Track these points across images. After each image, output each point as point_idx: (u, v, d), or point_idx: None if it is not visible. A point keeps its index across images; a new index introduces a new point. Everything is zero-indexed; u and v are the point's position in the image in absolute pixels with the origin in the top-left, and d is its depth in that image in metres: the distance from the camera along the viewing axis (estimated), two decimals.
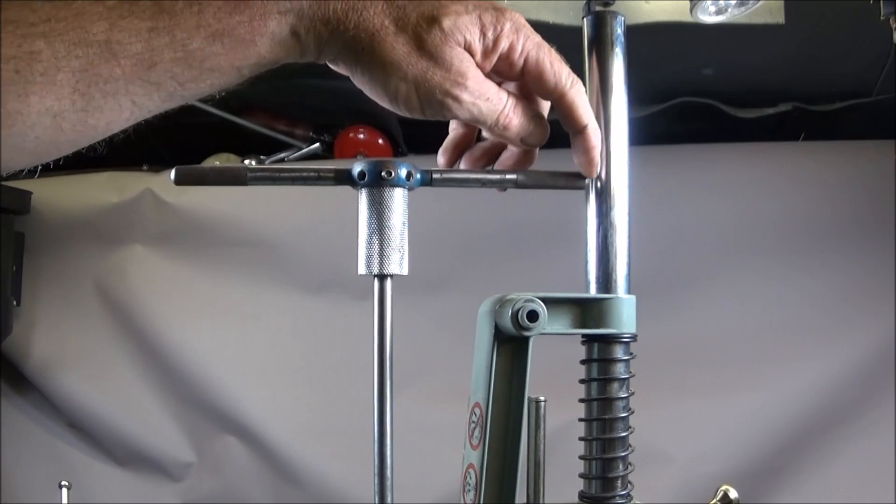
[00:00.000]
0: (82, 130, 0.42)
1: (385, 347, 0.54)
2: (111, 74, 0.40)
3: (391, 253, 0.54)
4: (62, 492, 1.09)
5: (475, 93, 0.48)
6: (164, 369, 1.57)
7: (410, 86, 0.46)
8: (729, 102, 1.46)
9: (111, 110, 0.42)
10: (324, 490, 1.50)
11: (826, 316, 1.43)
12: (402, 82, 0.46)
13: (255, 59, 0.44)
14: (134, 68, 0.41)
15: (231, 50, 0.43)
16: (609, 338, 0.60)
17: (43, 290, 1.64)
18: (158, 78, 0.42)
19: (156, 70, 0.41)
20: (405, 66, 0.46)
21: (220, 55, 0.42)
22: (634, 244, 0.62)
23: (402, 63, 0.45)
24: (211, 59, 0.42)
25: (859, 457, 1.40)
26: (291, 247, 1.57)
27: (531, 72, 0.51)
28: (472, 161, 0.60)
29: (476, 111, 0.49)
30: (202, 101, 1.56)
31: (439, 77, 0.46)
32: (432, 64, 0.46)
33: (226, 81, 0.44)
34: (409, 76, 0.46)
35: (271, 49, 0.44)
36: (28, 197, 1.60)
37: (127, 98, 0.42)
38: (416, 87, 0.46)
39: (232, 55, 0.43)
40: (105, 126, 0.42)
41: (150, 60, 0.41)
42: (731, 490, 0.68)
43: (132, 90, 0.41)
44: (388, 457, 0.54)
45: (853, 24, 1.14)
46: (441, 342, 1.46)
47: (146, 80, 0.41)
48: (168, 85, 0.42)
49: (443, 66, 0.46)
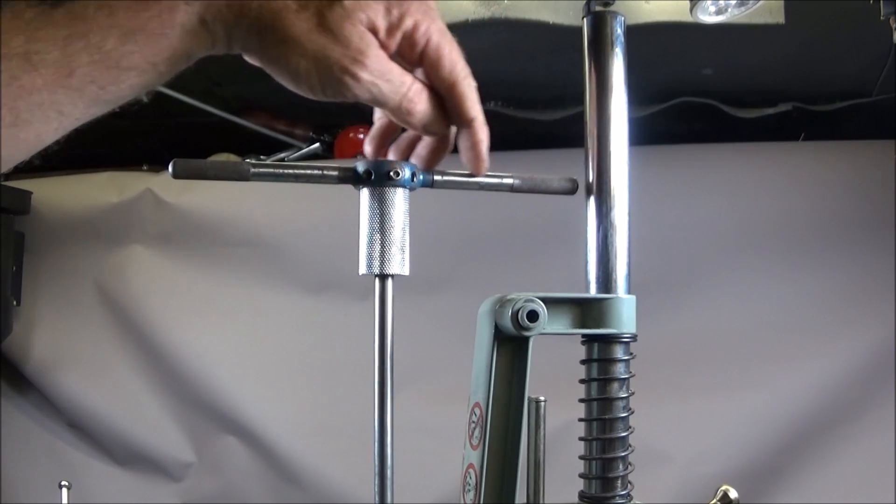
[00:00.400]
0: (15, 145, 0.43)
1: (386, 347, 0.54)
2: (33, 85, 0.41)
3: (392, 253, 0.54)
4: (62, 492, 1.09)
5: (375, 72, 0.48)
6: (164, 369, 1.57)
7: (310, 63, 0.46)
8: (729, 102, 1.46)
9: (39, 122, 0.42)
10: (324, 490, 1.50)
11: (826, 316, 1.43)
12: (302, 59, 0.46)
13: (168, 53, 0.44)
14: (54, 76, 0.42)
15: (145, 46, 0.43)
16: (609, 338, 0.60)
17: (43, 290, 1.64)
18: (79, 83, 0.42)
19: (75, 76, 0.42)
20: (305, 42, 0.46)
21: (135, 52, 0.43)
22: (634, 244, 0.62)
23: (301, 39, 0.46)
24: (126, 57, 0.43)
25: (859, 457, 1.40)
26: (291, 247, 1.57)
27: (430, 54, 0.52)
28: (399, 152, 0.60)
29: (376, 91, 0.48)
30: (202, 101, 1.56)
31: (338, 54, 0.46)
32: (331, 40, 0.46)
33: (146, 80, 0.45)
34: (308, 52, 0.46)
35: (183, 40, 0.45)
36: (28, 197, 1.60)
37: (52, 108, 0.42)
38: (316, 64, 0.46)
39: (146, 51, 0.44)
40: (36, 138, 0.43)
41: (69, 67, 0.42)
42: (731, 490, 0.68)
43: (56, 99, 0.42)
44: (388, 457, 0.54)
45: (853, 24, 1.14)
46: (441, 342, 1.46)
47: (67, 87, 0.42)
48: (89, 90, 0.43)
49: (342, 43, 0.46)
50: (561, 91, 1.41)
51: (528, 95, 1.46)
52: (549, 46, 1.22)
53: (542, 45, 1.23)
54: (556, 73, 1.32)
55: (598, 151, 0.62)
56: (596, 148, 0.62)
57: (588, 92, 0.63)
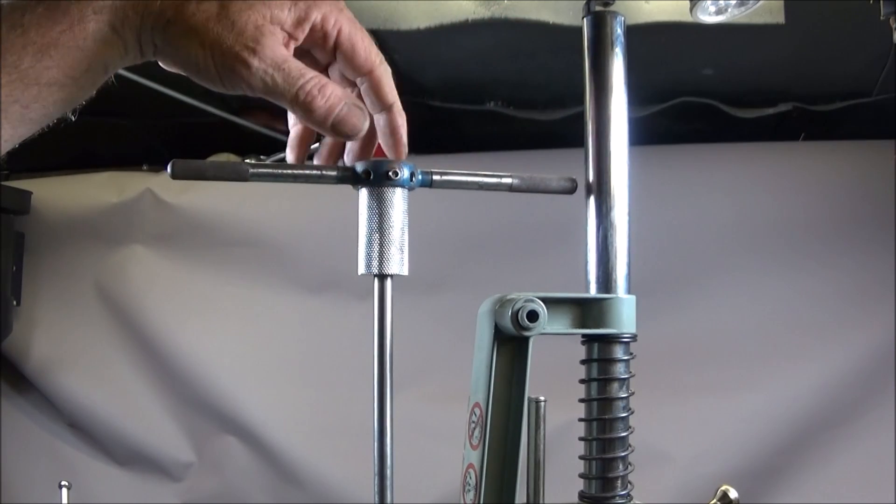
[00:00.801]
0: None
1: (385, 347, 0.54)
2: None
3: (391, 253, 0.54)
4: (62, 492, 1.09)
5: (268, 60, 0.47)
6: (164, 369, 1.57)
7: (207, 52, 0.46)
8: (729, 102, 1.46)
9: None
10: (324, 490, 1.50)
11: (826, 316, 1.43)
12: (201, 48, 0.46)
13: (85, 65, 0.45)
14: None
15: (61, 60, 0.44)
16: (609, 338, 0.60)
17: (43, 290, 1.64)
18: (3, 104, 0.43)
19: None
20: (203, 31, 0.46)
21: (52, 68, 0.44)
22: (634, 244, 0.62)
23: (200, 28, 0.46)
24: (44, 73, 0.44)
25: (859, 457, 1.40)
26: (291, 247, 1.57)
27: (344, 44, 0.51)
28: (323, 158, 0.60)
29: (270, 81, 0.47)
30: (202, 101, 1.56)
31: (231, 41, 0.46)
32: (228, 29, 0.46)
33: (67, 94, 0.45)
34: (206, 42, 0.46)
35: (97, 51, 0.45)
36: (28, 197, 1.60)
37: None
38: (212, 52, 0.46)
39: (63, 65, 0.44)
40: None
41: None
42: (731, 490, 0.68)
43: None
44: (388, 457, 0.54)
45: (853, 24, 1.14)
46: (441, 342, 1.47)
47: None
48: (13, 109, 0.43)
49: (237, 31, 0.46)
50: (561, 91, 1.41)
51: (528, 95, 1.46)
52: (549, 46, 1.22)
53: (542, 45, 1.23)
54: (556, 73, 1.32)
55: (598, 151, 0.62)
56: (596, 148, 0.62)
57: (588, 92, 0.63)
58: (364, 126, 0.51)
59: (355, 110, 0.51)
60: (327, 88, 0.49)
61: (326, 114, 0.49)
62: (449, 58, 1.28)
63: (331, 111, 0.49)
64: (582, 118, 0.64)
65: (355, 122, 0.51)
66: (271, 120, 1.60)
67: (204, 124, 1.56)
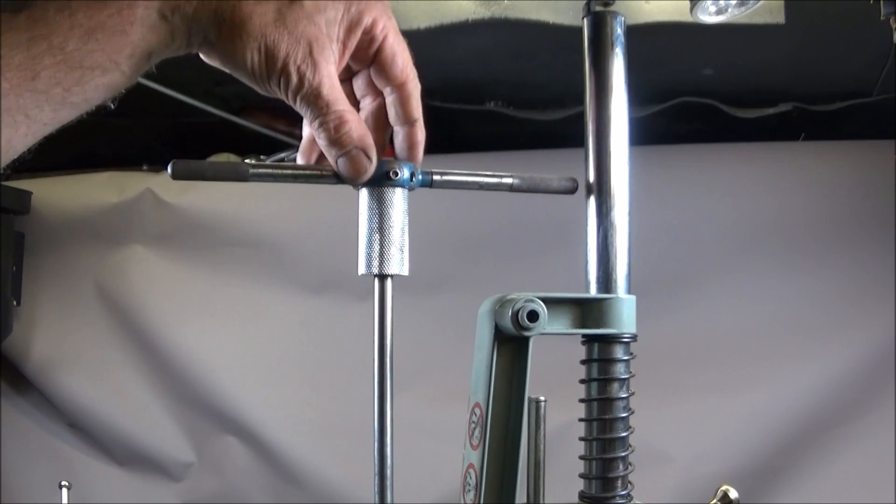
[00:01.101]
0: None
1: (385, 347, 0.54)
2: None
3: (392, 253, 0.54)
4: (62, 492, 1.09)
5: (315, 79, 0.48)
6: (164, 369, 1.57)
7: (262, 57, 0.47)
8: (729, 102, 1.46)
9: (8, 127, 0.43)
10: (324, 490, 1.50)
11: (826, 316, 1.43)
12: (255, 51, 0.47)
13: (129, 50, 0.45)
14: (19, 80, 0.42)
15: (106, 44, 0.44)
16: (609, 338, 0.60)
17: (43, 290, 1.64)
18: (44, 86, 0.43)
19: (40, 78, 0.43)
20: (259, 36, 0.47)
21: (97, 51, 0.44)
22: (634, 244, 0.62)
23: (256, 32, 0.47)
24: (89, 57, 0.44)
25: (859, 457, 1.40)
26: (291, 247, 1.57)
27: (386, 52, 0.53)
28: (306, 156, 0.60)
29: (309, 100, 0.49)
30: (202, 101, 1.56)
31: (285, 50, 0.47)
32: (284, 37, 0.47)
33: (109, 79, 0.45)
34: (261, 46, 0.47)
35: (143, 36, 0.45)
36: (28, 197, 1.60)
37: (20, 112, 0.43)
38: (266, 58, 0.47)
39: (108, 49, 0.44)
40: (6, 144, 0.43)
41: (33, 69, 0.42)
42: (731, 490, 0.68)
43: (22, 103, 0.43)
44: (388, 457, 0.54)
45: (853, 24, 1.14)
46: (441, 342, 1.47)
47: (33, 91, 0.43)
48: (54, 92, 0.43)
49: (292, 40, 0.47)
50: (561, 91, 1.41)
51: (528, 95, 1.46)
52: (549, 46, 1.22)
53: (542, 45, 1.23)
54: (556, 73, 1.32)
55: (598, 151, 0.62)
56: (596, 148, 0.62)
57: (588, 92, 0.63)
58: (365, 176, 0.52)
59: (362, 157, 0.52)
60: (346, 125, 0.50)
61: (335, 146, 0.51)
62: (449, 58, 1.28)
63: (340, 147, 0.51)
64: (582, 118, 0.64)
65: (356, 169, 0.52)
66: (271, 120, 1.60)
67: (204, 124, 1.56)
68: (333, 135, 0.50)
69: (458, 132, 1.60)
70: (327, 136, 0.50)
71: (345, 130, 0.50)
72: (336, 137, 0.50)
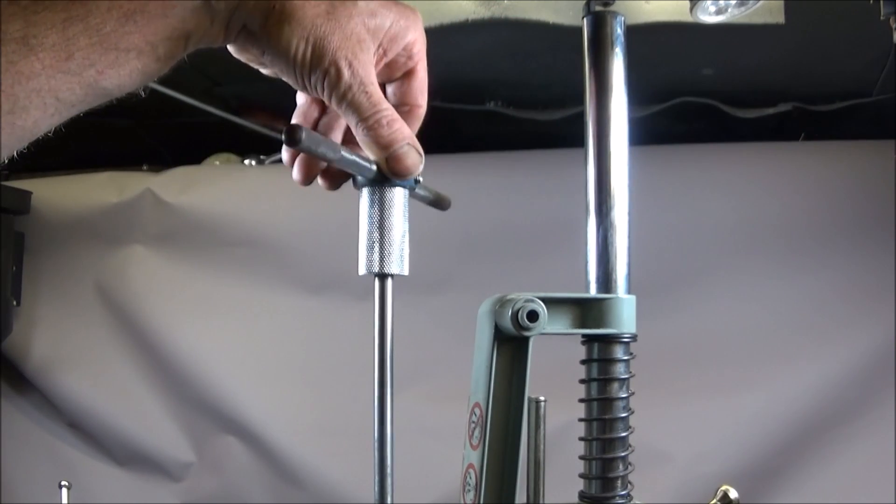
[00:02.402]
0: (12, 133, 0.42)
1: (385, 347, 0.54)
2: (32, 70, 0.41)
3: (392, 253, 0.54)
4: (62, 492, 1.09)
5: (359, 76, 0.48)
6: (164, 369, 1.57)
7: (309, 48, 0.47)
8: (729, 102, 1.46)
9: (36, 108, 0.42)
10: (324, 490, 1.50)
11: (826, 316, 1.43)
12: (302, 41, 0.47)
13: (167, 32, 0.44)
14: (53, 60, 0.41)
15: (144, 27, 0.43)
16: (609, 338, 0.60)
17: (43, 290, 1.64)
18: (78, 67, 0.42)
19: (74, 59, 0.42)
20: (310, 26, 0.47)
21: (134, 33, 0.43)
22: (634, 244, 0.62)
23: (306, 22, 0.46)
24: (126, 38, 0.43)
25: (859, 457, 1.40)
26: (291, 247, 1.57)
27: (419, 72, 0.54)
28: None
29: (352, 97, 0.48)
30: (202, 101, 1.55)
31: (336, 44, 0.47)
32: (334, 31, 0.47)
33: (143, 65, 0.44)
34: (310, 37, 0.47)
35: (183, 20, 0.45)
36: (28, 197, 1.60)
37: (50, 94, 0.42)
38: (313, 49, 0.47)
39: (146, 31, 0.44)
40: (33, 125, 0.43)
41: (67, 50, 0.41)
42: (731, 490, 0.68)
43: (54, 85, 0.42)
44: (388, 457, 0.54)
45: (853, 24, 1.14)
46: (441, 342, 1.46)
47: (66, 72, 0.42)
48: (88, 74, 0.43)
49: (342, 35, 0.47)
50: (561, 91, 1.41)
51: (528, 95, 1.46)
52: (549, 46, 1.22)
53: (542, 45, 1.23)
54: (556, 73, 1.32)
55: (598, 151, 0.62)
56: (596, 148, 0.62)
57: (588, 92, 0.63)
58: (417, 170, 0.52)
59: (413, 153, 0.52)
60: (397, 123, 0.50)
61: (388, 144, 0.50)
62: (449, 58, 1.28)
63: (392, 143, 0.50)
64: (582, 118, 0.64)
65: (409, 164, 0.52)
66: (271, 120, 1.60)
67: (204, 124, 1.57)
68: (386, 131, 0.50)
69: (458, 132, 1.60)
70: (377, 133, 0.50)
71: (397, 127, 0.50)
72: (389, 134, 0.50)
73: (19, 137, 0.43)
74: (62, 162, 1.68)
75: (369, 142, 0.51)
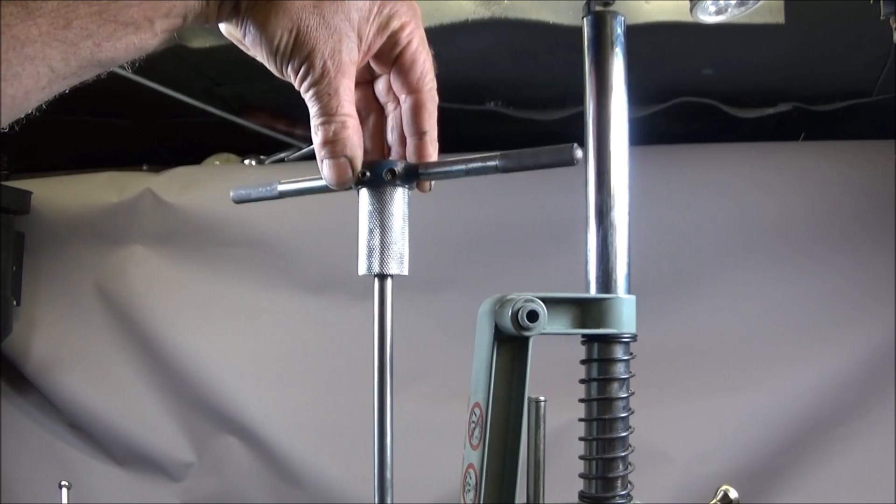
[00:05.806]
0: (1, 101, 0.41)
1: (385, 347, 0.54)
2: (28, 36, 0.40)
3: (391, 253, 0.54)
4: (62, 492, 1.09)
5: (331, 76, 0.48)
6: (164, 369, 1.57)
7: (291, 38, 0.47)
8: (729, 102, 1.46)
9: (28, 77, 0.41)
10: (324, 490, 1.50)
11: (826, 316, 1.43)
12: (286, 31, 0.47)
13: (166, 9, 0.45)
14: (50, 27, 0.41)
15: (145, 1, 0.43)
16: (609, 338, 0.60)
17: (43, 290, 1.64)
18: (75, 37, 0.42)
19: (72, 28, 0.41)
20: (296, 17, 0.47)
21: (134, 7, 0.43)
22: (634, 244, 0.62)
23: (294, 13, 0.47)
24: (125, 11, 0.43)
25: (859, 457, 1.40)
26: (291, 247, 1.57)
27: (406, 57, 0.53)
28: None
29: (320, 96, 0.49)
30: (202, 101, 1.55)
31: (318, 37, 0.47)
32: (318, 24, 0.47)
33: (140, 40, 0.44)
34: (294, 27, 0.47)
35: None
36: (28, 197, 1.60)
37: (44, 63, 0.41)
38: (295, 39, 0.47)
39: (145, 6, 0.44)
40: (24, 96, 0.42)
41: (66, 18, 0.41)
42: (731, 490, 0.68)
43: (49, 53, 0.41)
44: (388, 457, 0.54)
45: (853, 24, 1.14)
46: (441, 342, 1.46)
47: (62, 41, 0.41)
48: (84, 45, 0.42)
49: (326, 30, 0.48)
50: (561, 91, 1.41)
51: (528, 95, 1.46)
52: (549, 46, 1.22)
53: (542, 45, 1.23)
54: (556, 73, 1.32)
55: (598, 151, 0.62)
56: (596, 148, 0.62)
57: (588, 92, 0.63)
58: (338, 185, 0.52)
59: (347, 168, 0.51)
60: (345, 132, 0.50)
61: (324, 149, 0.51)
62: (449, 58, 1.28)
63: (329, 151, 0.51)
64: (582, 118, 0.64)
65: (340, 176, 0.51)
66: (271, 120, 1.60)
67: (204, 124, 1.57)
68: (331, 136, 0.50)
69: (458, 132, 1.60)
70: (325, 135, 0.50)
71: (344, 136, 0.50)
72: (333, 140, 0.50)
73: (9, 107, 0.42)
74: (62, 162, 1.68)
75: (315, 140, 0.51)
